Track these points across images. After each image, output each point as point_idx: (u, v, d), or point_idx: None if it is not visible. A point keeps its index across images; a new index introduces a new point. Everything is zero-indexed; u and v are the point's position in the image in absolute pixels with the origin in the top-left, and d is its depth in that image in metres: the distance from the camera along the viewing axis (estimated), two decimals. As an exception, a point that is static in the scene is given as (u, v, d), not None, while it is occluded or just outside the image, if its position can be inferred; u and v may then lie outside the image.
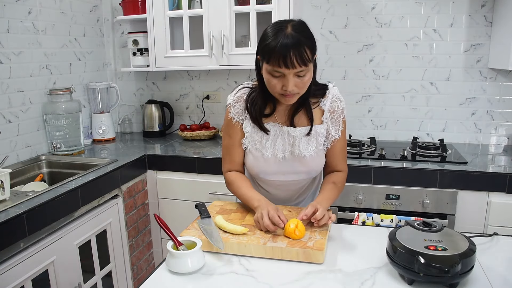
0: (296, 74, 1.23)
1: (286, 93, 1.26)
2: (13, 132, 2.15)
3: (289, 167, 1.43)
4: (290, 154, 1.41)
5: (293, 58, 1.18)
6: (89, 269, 1.94)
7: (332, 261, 1.16)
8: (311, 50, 1.22)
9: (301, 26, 1.24)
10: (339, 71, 2.62)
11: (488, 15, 2.35)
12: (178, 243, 1.14)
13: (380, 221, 1.97)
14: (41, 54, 2.33)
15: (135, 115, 3.05)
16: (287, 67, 1.20)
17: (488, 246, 1.25)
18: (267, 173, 1.45)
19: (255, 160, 1.44)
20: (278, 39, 1.19)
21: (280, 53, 1.18)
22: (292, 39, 1.19)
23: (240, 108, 1.43)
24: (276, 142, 1.40)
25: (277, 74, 1.24)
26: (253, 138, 1.42)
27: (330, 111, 1.40)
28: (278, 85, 1.25)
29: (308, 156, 1.39)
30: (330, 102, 1.40)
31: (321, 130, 1.40)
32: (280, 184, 1.49)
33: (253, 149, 1.44)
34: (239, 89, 1.45)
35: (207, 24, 2.41)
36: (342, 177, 1.48)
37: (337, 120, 1.41)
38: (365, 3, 2.51)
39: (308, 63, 1.22)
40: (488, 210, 1.96)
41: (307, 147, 1.39)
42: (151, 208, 2.44)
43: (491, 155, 2.26)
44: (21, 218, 1.52)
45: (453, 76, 2.48)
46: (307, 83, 1.27)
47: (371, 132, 2.63)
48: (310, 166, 1.42)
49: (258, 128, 1.40)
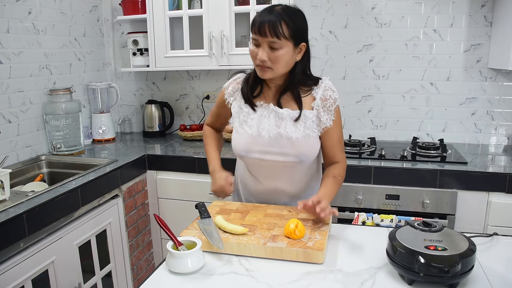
0: (269, 45, 1.32)
1: (260, 64, 1.36)
2: (13, 132, 2.15)
3: (276, 147, 1.43)
4: (277, 135, 1.43)
5: (266, 27, 1.30)
6: (89, 269, 1.94)
7: (332, 261, 1.16)
8: (289, 28, 1.31)
9: (291, 9, 1.36)
10: (339, 71, 2.62)
11: (488, 15, 2.35)
12: (178, 243, 1.14)
13: (380, 221, 1.97)
14: (41, 54, 2.33)
15: (135, 115, 3.05)
16: (260, 35, 1.32)
17: (488, 246, 1.25)
18: (251, 151, 1.46)
19: (240, 137, 1.48)
20: (262, 13, 1.36)
21: (258, 21, 1.33)
22: (274, 12, 1.32)
23: (232, 90, 1.54)
24: (262, 121, 1.45)
25: (255, 42, 1.36)
26: (240, 118, 1.49)
27: (322, 99, 1.43)
28: (255, 54, 1.36)
29: (295, 138, 1.41)
30: (322, 91, 1.44)
31: (310, 115, 1.43)
32: (268, 166, 1.47)
33: (239, 127, 1.49)
34: (235, 73, 1.58)
35: (207, 24, 2.41)
36: (341, 169, 1.51)
37: (329, 109, 1.43)
38: (365, 3, 2.51)
39: (281, 37, 1.31)
40: (488, 210, 1.96)
41: (295, 129, 1.41)
42: (151, 208, 2.44)
43: (491, 155, 2.26)
44: (21, 218, 1.52)
45: (453, 76, 2.48)
46: (280, 58, 1.34)
47: (371, 132, 2.64)
48: (298, 149, 1.42)
49: (246, 107, 1.48)
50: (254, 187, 1.55)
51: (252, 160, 1.48)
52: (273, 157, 1.44)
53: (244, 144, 1.46)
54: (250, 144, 1.45)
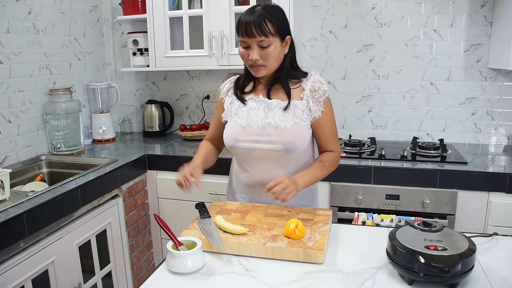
0: (258, 44, 1.38)
1: (253, 64, 1.41)
2: (13, 132, 2.15)
3: (264, 136, 1.45)
4: (265, 124, 1.45)
5: (252, 28, 1.36)
6: (89, 269, 1.94)
7: (332, 261, 1.16)
8: (273, 24, 1.38)
9: (271, 7, 1.42)
10: (339, 71, 2.62)
11: (488, 15, 2.35)
12: (178, 243, 1.14)
13: (380, 221, 1.97)
14: (41, 54, 2.33)
15: (135, 115, 3.05)
16: (248, 36, 1.37)
17: (488, 246, 1.25)
18: (240, 140, 1.48)
19: (230, 128, 1.52)
20: (245, 15, 1.39)
21: (243, 23, 1.37)
22: (256, 13, 1.37)
23: (227, 89, 1.60)
24: (251, 113, 1.48)
25: (244, 45, 1.41)
26: (231, 111, 1.54)
27: (311, 90, 1.47)
28: (246, 55, 1.42)
29: (283, 126, 1.43)
30: (311, 82, 1.48)
31: (299, 104, 1.46)
32: (257, 156, 1.48)
33: (230, 120, 1.54)
34: (229, 76, 1.64)
35: (207, 24, 2.41)
36: (332, 156, 1.53)
37: (319, 100, 1.47)
38: (365, 3, 2.51)
39: (268, 34, 1.37)
40: (488, 210, 1.96)
41: (283, 118, 1.44)
42: (151, 208, 2.44)
43: (491, 155, 2.26)
44: (21, 218, 1.52)
45: (453, 76, 2.48)
46: (271, 55, 1.40)
47: (371, 132, 2.64)
48: (285, 137, 1.43)
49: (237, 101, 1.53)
50: (245, 180, 1.56)
51: (241, 150, 1.51)
52: (260, 145, 1.47)
53: (233, 134, 1.50)
54: (239, 134, 1.48)
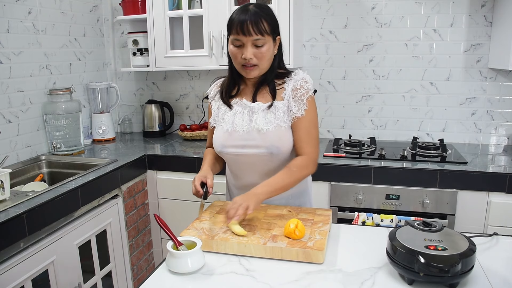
0: (253, 43, 1.36)
1: (247, 63, 1.38)
2: (13, 132, 2.15)
3: (249, 141, 1.44)
4: (250, 129, 1.44)
5: (249, 26, 1.33)
6: (89, 269, 1.94)
7: (332, 261, 1.16)
8: (268, 24, 1.37)
9: (264, 6, 1.41)
10: (339, 71, 2.62)
11: (488, 15, 2.35)
12: (178, 243, 1.14)
13: (380, 221, 1.97)
14: (41, 54, 2.33)
15: (135, 115, 3.05)
16: (244, 34, 1.34)
17: (488, 246, 1.25)
18: (227, 146, 1.47)
19: (217, 134, 1.51)
20: (239, 13, 1.37)
21: (239, 21, 1.35)
22: (251, 11, 1.36)
23: (213, 93, 1.58)
24: (236, 117, 1.47)
25: (237, 43, 1.38)
26: (218, 116, 1.53)
27: (293, 89, 1.43)
28: (239, 55, 1.38)
29: (266, 129, 1.42)
30: (294, 82, 1.45)
31: (279, 105, 1.43)
32: (244, 162, 1.48)
33: (218, 126, 1.53)
34: (215, 79, 1.62)
35: (207, 24, 2.41)
36: (301, 160, 1.42)
37: (301, 98, 1.43)
38: (365, 3, 2.51)
39: (265, 33, 1.36)
40: (488, 210, 1.96)
41: (265, 121, 1.43)
42: (151, 208, 2.44)
43: (491, 155, 2.26)
44: (21, 218, 1.52)
45: (453, 76, 2.48)
46: (265, 54, 1.38)
47: (371, 132, 2.64)
48: (268, 141, 1.42)
49: (223, 106, 1.51)
50: (236, 184, 1.57)
51: (229, 156, 1.50)
52: (246, 150, 1.46)
53: (220, 140, 1.49)
54: (226, 140, 1.47)
